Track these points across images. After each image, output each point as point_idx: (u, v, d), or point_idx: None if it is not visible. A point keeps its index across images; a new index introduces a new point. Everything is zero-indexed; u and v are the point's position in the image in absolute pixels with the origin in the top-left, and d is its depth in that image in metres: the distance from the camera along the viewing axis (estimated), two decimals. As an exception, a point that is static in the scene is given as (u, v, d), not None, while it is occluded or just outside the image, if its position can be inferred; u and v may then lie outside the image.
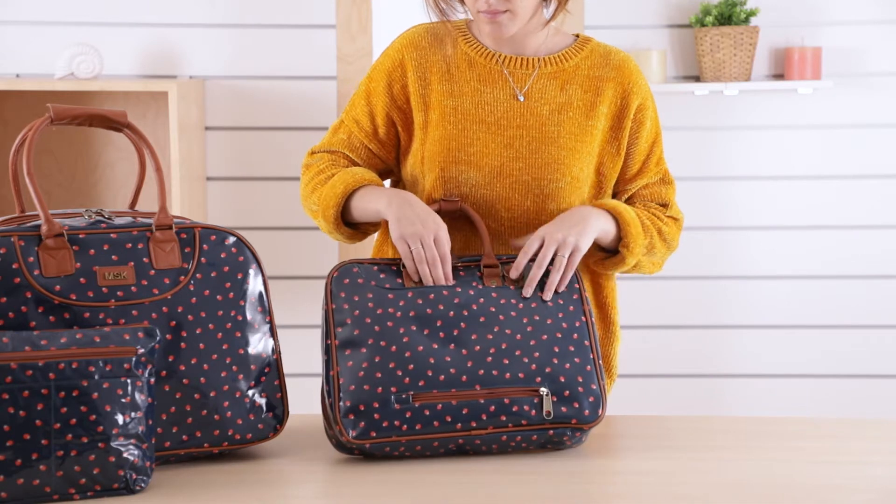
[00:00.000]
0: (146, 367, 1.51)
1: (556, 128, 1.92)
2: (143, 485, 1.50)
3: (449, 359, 1.66)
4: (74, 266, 1.54)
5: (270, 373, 1.65)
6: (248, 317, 1.64)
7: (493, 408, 1.64)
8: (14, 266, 1.51)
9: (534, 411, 1.65)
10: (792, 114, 3.63)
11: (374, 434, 1.61)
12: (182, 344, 1.58)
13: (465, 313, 1.70)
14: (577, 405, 1.66)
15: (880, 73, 3.61)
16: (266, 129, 3.56)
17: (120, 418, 1.47)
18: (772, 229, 3.67)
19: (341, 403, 1.63)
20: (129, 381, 1.49)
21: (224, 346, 1.61)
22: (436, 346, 1.67)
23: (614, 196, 2.01)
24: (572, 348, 1.71)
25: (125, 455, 1.48)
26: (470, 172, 1.92)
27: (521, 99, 1.93)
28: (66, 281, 1.53)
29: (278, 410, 1.66)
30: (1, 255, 1.50)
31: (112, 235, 1.57)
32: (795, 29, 3.58)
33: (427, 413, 1.63)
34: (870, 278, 3.67)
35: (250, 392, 1.63)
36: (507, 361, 1.67)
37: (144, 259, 1.58)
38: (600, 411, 1.67)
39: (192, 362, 1.58)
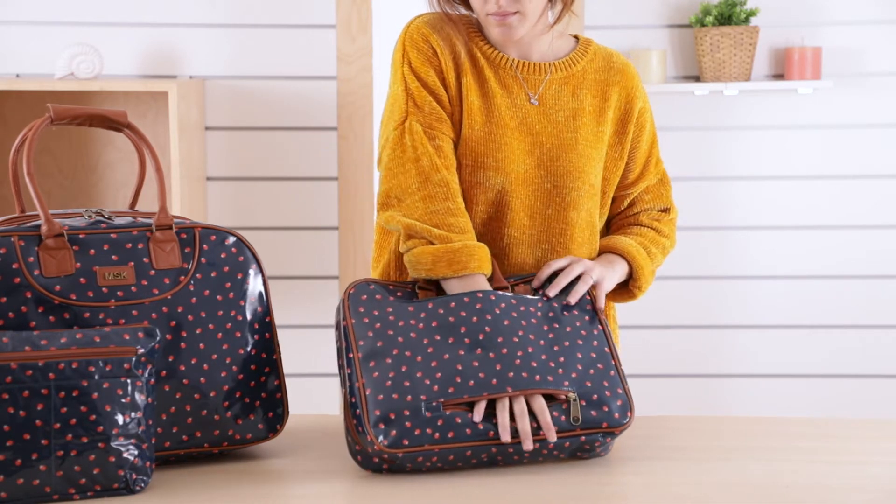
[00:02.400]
0: (146, 367, 1.51)
1: (573, 134, 1.91)
2: (143, 485, 1.50)
3: (477, 363, 1.63)
4: (74, 266, 1.54)
5: (270, 373, 1.65)
6: (248, 317, 1.64)
7: None
8: (14, 266, 1.51)
9: (563, 417, 1.61)
10: (792, 114, 3.63)
11: (406, 442, 1.56)
12: (182, 344, 1.58)
13: (489, 317, 1.68)
14: (606, 409, 1.63)
15: (880, 73, 3.61)
16: (266, 129, 3.56)
17: (120, 418, 1.47)
18: (772, 229, 3.67)
19: (370, 413, 1.57)
20: (129, 381, 1.49)
21: (224, 346, 1.61)
22: (462, 353, 1.64)
23: (614, 200, 2.02)
24: (594, 355, 1.69)
25: (125, 455, 1.48)
26: (497, 178, 1.88)
27: (535, 103, 1.90)
28: (66, 281, 1.53)
29: (278, 410, 1.66)
30: (1, 255, 1.50)
31: (112, 235, 1.57)
32: (795, 29, 3.58)
33: (458, 421, 1.58)
34: (870, 278, 3.68)
35: (250, 392, 1.63)
36: (535, 364, 1.64)
37: (144, 259, 1.58)
38: (629, 414, 1.64)
39: (192, 362, 1.58)
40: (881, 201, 3.65)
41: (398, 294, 1.73)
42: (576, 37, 2.00)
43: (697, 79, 3.62)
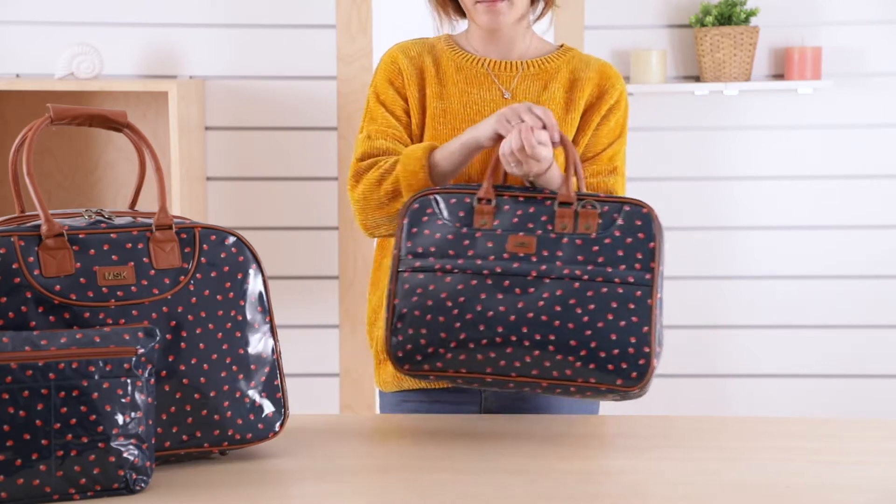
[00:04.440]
0: (146, 367, 1.51)
1: None
2: (143, 485, 1.50)
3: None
4: (74, 266, 1.54)
5: (270, 373, 1.65)
6: (248, 317, 1.64)
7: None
8: (14, 266, 1.51)
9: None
10: (792, 114, 3.63)
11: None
12: (182, 344, 1.58)
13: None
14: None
15: (880, 73, 3.61)
16: (266, 129, 3.56)
17: (120, 418, 1.47)
18: (772, 229, 3.67)
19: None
20: (129, 381, 1.49)
21: (224, 346, 1.61)
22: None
23: None
24: (632, 305, 1.73)
25: (125, 455, 1.48)
26: (468, 172, 1.99)
27: (507, 96, 2.02)
28: (66, 281, 1.53)
29: (278, 410, 1.66)
30: (1, 255, 1.50)
31: (112, 235, 1.57)
32: (795, 29, 3.58)
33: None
34: (870, 278, 3.67)
35: (250, 392, 1.63)
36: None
37: (144, 259, 1.58)
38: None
39: (192, 362, 1.58)
40: (881, 201, 3.65)
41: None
42: (561, 45, 2.11)
43: (697, 79, 3.62)
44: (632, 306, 1.74)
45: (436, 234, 1.80)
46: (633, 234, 1.77)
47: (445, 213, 1.81)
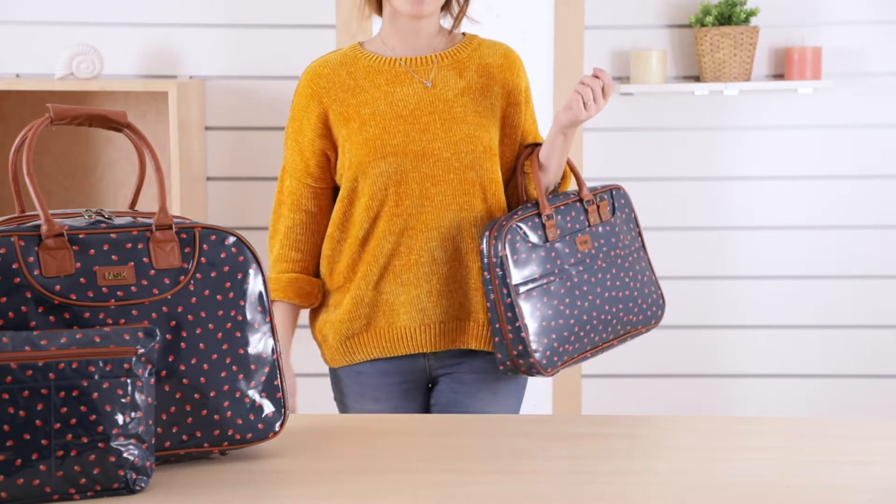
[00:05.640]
0: (146, 367, 1.51)
1: (462, 108, 2.22)
2: (143, 485, 1.50)
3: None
4: (74, 266, 1.54)
5: (270, 373, 1.65)
6: (248, 317, 1.64)
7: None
8: (14, 266, 1.51)
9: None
10: (792, 114, 3.63)
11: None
12: (182, 344, 1.58)
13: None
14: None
15: (880, 73, 3.61)
16: (266, 129, 3.56)
17: (120, 418, 1.47)
18: (772, 229, 3.67)
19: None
20: (129, 381, 1.49)
21: (224, 346, 1.61)
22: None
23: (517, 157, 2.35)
24: (643, 263, 2.31)
25: (125, 455, 1.48)
26: (397, 161, 2.18)
27: (429, 85, 2.21)
28: (66, 281, 1.53)
29: (278, 410, 1.66)
30: (1, 255, 1.50)
31: (112, 235, 1.57)
32: (795, 29, 3.58)
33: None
34: (870, 278, 3.68)
35: (250, 392, 1.63)
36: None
37: (144, 259, 1.58)
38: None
39: (192, 362, 1.58)
40: (881, 201, 3.65)
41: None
42: (464, 34, 2.32)
43: (697, 79, 3.62)
44: (643, 264, 2.30)
45: (532, 255, 2.14)
46: (624, 210, 2.29)
47: (530, 236, 2.14)
